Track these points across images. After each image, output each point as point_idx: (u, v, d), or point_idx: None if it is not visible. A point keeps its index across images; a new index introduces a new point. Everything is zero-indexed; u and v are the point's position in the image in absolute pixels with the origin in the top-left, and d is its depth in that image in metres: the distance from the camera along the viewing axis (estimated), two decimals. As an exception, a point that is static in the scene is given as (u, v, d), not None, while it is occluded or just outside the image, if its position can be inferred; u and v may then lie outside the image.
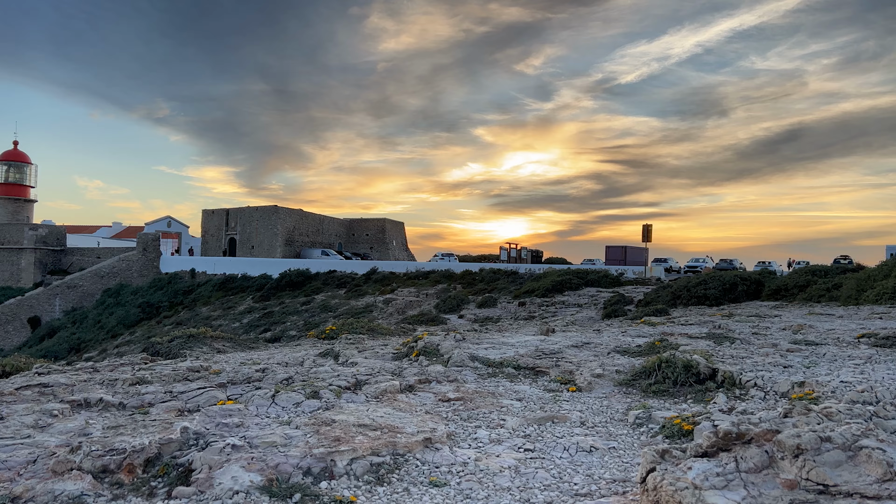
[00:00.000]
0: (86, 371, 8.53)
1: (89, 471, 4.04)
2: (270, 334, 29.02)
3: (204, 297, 46.93)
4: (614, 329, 13.21)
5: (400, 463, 4.34)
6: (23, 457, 4.46)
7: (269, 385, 6.58)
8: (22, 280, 57.95)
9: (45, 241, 60.53)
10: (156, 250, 56.78)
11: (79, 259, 61.37)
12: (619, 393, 6.68)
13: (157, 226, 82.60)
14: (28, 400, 6.44)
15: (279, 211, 64.80)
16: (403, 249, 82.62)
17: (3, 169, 66.71)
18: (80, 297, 53.02)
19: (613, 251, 59.54)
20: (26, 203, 67.14)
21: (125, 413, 5.74)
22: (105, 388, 6.84)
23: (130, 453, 4.17)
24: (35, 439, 4.89)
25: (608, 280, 35.17)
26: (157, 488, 3.96)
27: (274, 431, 4.72)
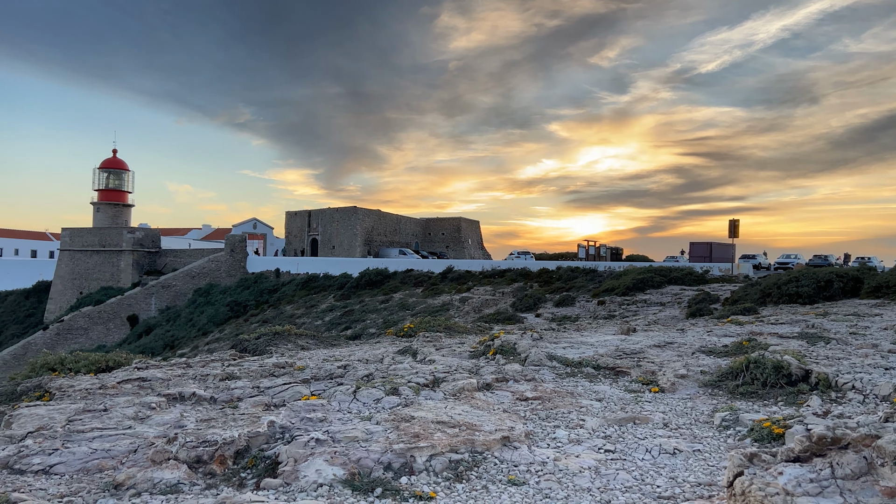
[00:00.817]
0: (180, 366, 9.01)
1: (185, 461, 4.26)
2: (351, 332, 29.70)
3: (288, 295, 48.53)
4: (699, 328, 12.78)
5: (478, 460, 4.36)
6: (125, 446, 4.75)
7: (351, 381, 6.74)
8: (121, 280, 61.66)
9: (141, 243, 64.16)
10: (242, 251, 59.16)
11: (172, 260, 64.74)
12: (705, 394, 6.46)
13: (243, 227, 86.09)
14: (128, 393, 6.85)
15: (358, 212, 66.23)
16: (479, 248, 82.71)
17: (104, 176, 71.18)
18: (174, 296, 55.89)
19: (698, 248, 57.56)
20: (125, 208, 71.41)
21: (216, 407, 6.02)
22: (197, 382, 7.20)
23: (221, 445, 4.38)
24: (135, 430, 5.21)
25: (692, 278, 34.02)
26: (246, 479, 4.13)
27: (355, 427, 4.84)
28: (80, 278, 63.31)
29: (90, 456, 4.64)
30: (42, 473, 4.51)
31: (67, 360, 10.34)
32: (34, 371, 10.12)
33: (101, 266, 63.23)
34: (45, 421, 5.58)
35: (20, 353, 47.83)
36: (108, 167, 71.57)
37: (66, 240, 65.24)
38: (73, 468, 4.52)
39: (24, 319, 63.38)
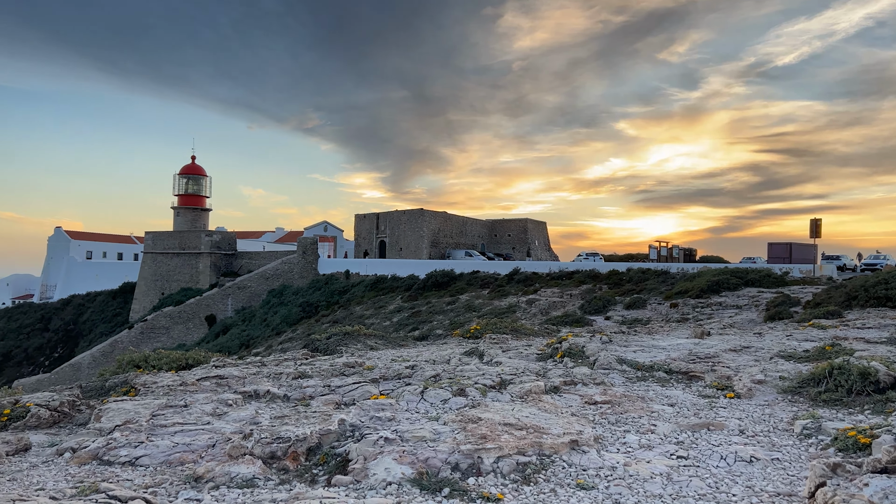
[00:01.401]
0: (255, 365, 9.32)
1: (259, 456, 4.41)
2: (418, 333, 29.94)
3: (357, 296, 49.37)
4: (778, 332, 12.26)
5: (546, 463, 4.32)
6: (204, 441, 4.96)
7: (418, 382, 6.81)
8: (200, 282, 64.27)
9: (218, 246, 66.67)
10: (314, 253, 60.61)
11: (247, 262, 67.02)
12: (784, 401, 6.20)
13: (314, 230, 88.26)
14: (207, 390, 7.14)
15: (424, 214, 66.80)
16: (546, 249, 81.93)
17: (184, 182, 74.39)
18: (249, 297, 57.81)
19: (777, 248, 55.18)
20: (203, 212, 74.43)
21: (289, 404, 6.20)
22: (271, 380, 7.43)
23: (294, 442, 4.51)
24: (213, 426, 5.43)
25: (771, 279, 32.65)
26: (318, 476, 4.24)
27: (423, 426, 4.89)
28: (162, 280, 66.38)
29: (172, 449, 4.86)
30: (128, 465, 4.76)
31: (151, 357, 10.86)
32: (121, 368, 10.68)
33: (181, 268, 66.10)
34: (131, 415, 5.88)
35: (108, 350, 50.52)
36: (187, 173, 74.75)
37: (148, 243, 68.57)
38: (157, 461, 4.75)
39: (112, 319, 66.95)
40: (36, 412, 6.50)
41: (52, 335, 66.48)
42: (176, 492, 4.10)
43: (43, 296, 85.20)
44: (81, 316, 68.86)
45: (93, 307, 70.01)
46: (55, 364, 57.62)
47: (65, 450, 5.23)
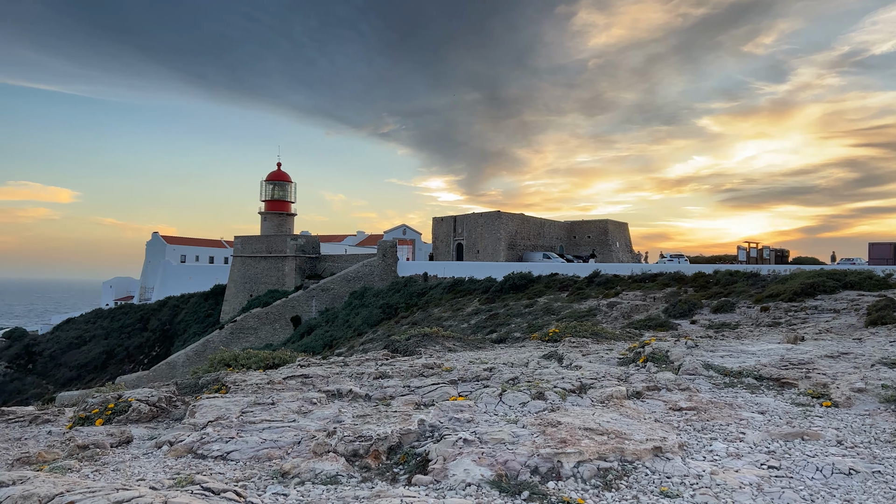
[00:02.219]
0: (338, 365, 9.57)
1: (343, 454, 4.53)
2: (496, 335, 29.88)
3: (435, 299, 49.78)
4: (880, 338, 11.51)
5: (628, 470, 4.23)
6: (290, 438, 5.14)
7: (496, 384, 6.81)
8: (286, 284, 66.51)
9: (303, 249, 68.81)
10: (393, 256, 61.58)
11: (330, 265, 68.84)
12: (886, 411, 5.82)
13: (393, 234, 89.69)
14: (293, 388, 7.39)
15: (501, 216, 66.61)
16: (627, 251, 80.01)
17: (270, 188, 77.23)
18: (332, 298, 59.34)
19: (879, 249, 51.75)
20: (288, 217, 77.04)
21: (370, 404, 6.33)
22: (353, 380, 7.61)
23: (376, 441, 4.60)
24: (299, 423, 5.61)
25: (872, 282, 30.65)
26: (398, 474, 4.31)
27: (502, 429, 4.88)
28: (250, 282, 69.13)
29: (260, 445, 5.06)
30: (220, 459, 4.99)
31: (240, 356, 11.33)
32: (212, 366, 11.21)
33: (268, 271, 68.63)
34: (222, 412, 6.16)
35: (200, 349, 53.04)
36: (273, 179, 77.55)
37: (237, 247, 71.57)
38: (246, 455, 4.96)
39: (204, 319, 70.28)
40: (137, 407, 6.91)
41: (150, 335, 70.45)
42: (264, 486, 4.26)
43: (142, 297, 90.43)
44: (176, 317, 72.63)
45: (186, 308, 73.70)
46: (153, 362, 61.03)
47: (163, 443, 5.54)
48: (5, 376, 64.84)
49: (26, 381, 63.76)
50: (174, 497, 3.55)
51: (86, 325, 73.46)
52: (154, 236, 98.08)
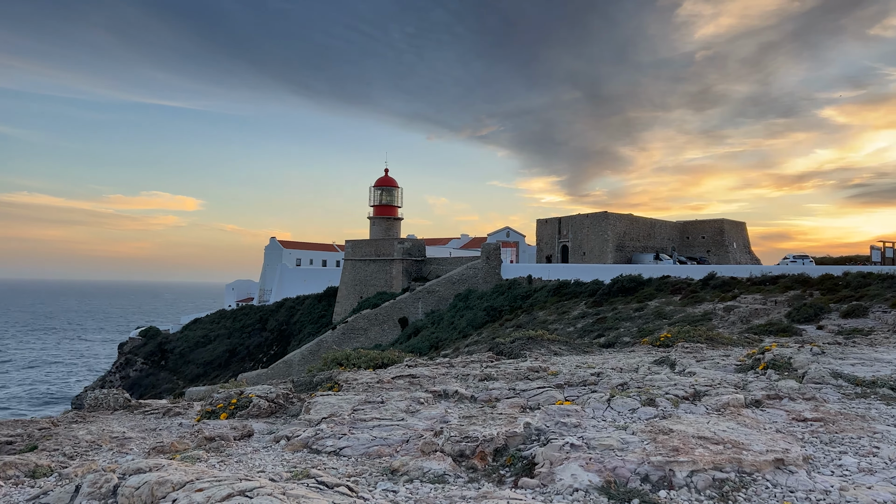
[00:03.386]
0: (443, 366, 9.70)
1: (449, 454, 4.59)
2: (604, 339, 29.21)
3: (540, 301, 49.34)
4: None
5: (746, 482, 4.02)
6: (398, 436, 5.27)
7: (604, 389, 6.67)
8: (393, 286, 68.19)
9: (409, 252, 70.28)
10: (497, 259, 61.63)
11: (435, 268, 69.89)
12: None
13: (497, 236, 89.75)
14: (401, 388, 7.57)
15: (608, 217, 65.02)
16: (745, 252, 75.81)
17: (378, 193, 79.49)
18: (437, 300, 60.20)
19: None
20: (395, 221, 78.99)
21: (476, 405, 6.38)
22: (459, 381, 7.69)
23: (482, 442, 4.63)
24: (407, 422, 5.74)
25: None
26: (505, 476, 4.32)
27: (610, 435, 4.78)
28: (360, 284, 71.42)
29: (371, 442, 5.23)
30: (333, 454, 5.20)
31: (351, 356, 11.73)
32: (326, 365, 11.68)
33: (376, 273, 70.65)
34: (335, 409, 6.41)
35: (315, 349, 55.34)
36: (381, 185, 79.78)
37: (348, 251, 74.17)
38: (358, 452, 5.13)
39: (318, 320, 73.31)
40: (257, 403, 7.32)
41: (268, 334, 74.35)
42: (375, 482, 4.40)
43: (261, 299, 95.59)
44: (292, 317, 76.22)
45: (302, 309, 77.17)
46: (271, 360, 64.32)
47: (280, 437, 5.84)
48: (141, 372, 70.56)
49: (159, 376, 69.09)
50: (292, 489, 3.74)
51: (211, 325, 78.66)
52: (272, 241, 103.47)
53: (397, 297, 62.60)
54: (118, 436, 6.22)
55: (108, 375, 71.85)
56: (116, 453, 5.69)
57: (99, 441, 6.00)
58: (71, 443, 5.94)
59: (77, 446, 5.84)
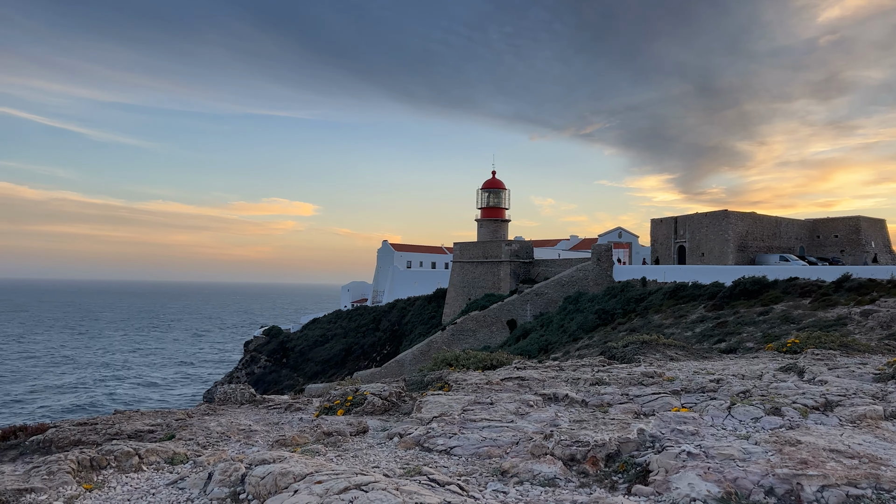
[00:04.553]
0: (553, 369, 9.60)
1: (560, 457, 4.55)
2: (724, 345, 27.79)
3: (655, 305, 47.67)
4: None
5: (885, 499, 3.70)
6: (508, 438, 5.28)
7: (724, 396, 6.36)
8: (501, 288, 68.21)
9: (517, 254, 70.06)
10: (608, 260, 60.16)
11: (543, 269, 69.23)
12: None
13: (608, 237, 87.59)
14: (510, 390, 7.57)
15: (729, 216, 61.74)
16: (886, 252, 69.56)
17: (485, 195, 79.81)
18: (546, 303, 59.61)
19: None
20: (502, 223, 78.98)
21: (587, 410, 6.27)
22: (569, 385, 7.59)
23: (593, 447, 4.55)
24: (516, 424, 5.74)
25: None
26: (617, 483, 4.22)
27: (731, 444, 4.55)
28: (468, 286, 72.00)
29: (480, 443, 5.27)
30: (444, 453, 5.28)
31: (461, 357, 11.86)
32: (436, 365, 11.88)
33: (484, 275, 70.96)
34: (445, 408, 6.52)
35: (425, 349, 56.37)
36: (488, 187, 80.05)
37: (456, 253, 75.00)
38: (468, 452, 5.19)
39: (428, 321, 74.65)
40: (371, 400, 7.57)
41: (381, 334, 76.56)
42: (485, 482, 4.43)
43: (374, 300, 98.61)
44: (404, 318, 78.06)
45: (412, 310, 78.87)
46: (384, 359, 66.16)
47: (394, 434, 6.01)
48: (265, 368, 74.73)
49: (281, 373, 72.89)
50: (404, 485, 3.84)
51: (328, 325, 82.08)
52: (384, 244, 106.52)
53: (505, 299, 62.58)
54: (245, 428, 6.64)
55: (235, 371, 76.66)
56: (243, 444, 6.08)
57: (228, 433, 6.43)
58: (204, 433, 6.40)
59: (209, 437, 6.29)
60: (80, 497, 4.33)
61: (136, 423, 6.95)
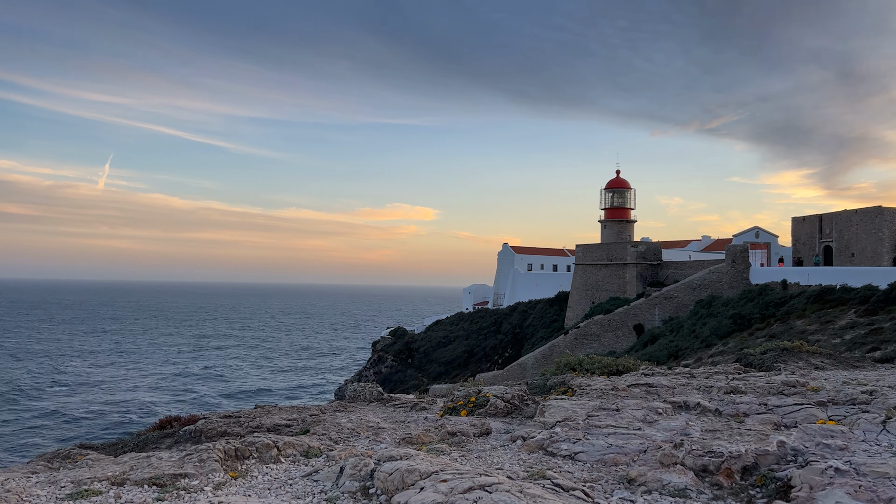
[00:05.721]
0: (683, 376, 9.20)
1: (691, 468, 4.36)
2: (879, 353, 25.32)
3: (797, 309, 44.36)
4: None
5: None
6: (635, 445, 5.12)
7: (879, 410, 5.81)
8: (626, 291, 66.14)
9: (644, 256, 67.70)
10: (744, 262, 56.68)
11: (672, 272, 66.37)
12: None
13: (744, 237, 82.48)
14: (637, 396, 7.34)
15: (883, 212, 56.22)
16: None
17: (609, 195, 77.73)
18: (676, 307, 57.14)
19: None
20: (628, 224, 76.55)
21: (720, 419, 5.95)
22: (701, 393, 7.24)
23: (728, 458, 4.32)
24: (644, 432, 5.56)
25: None
26: (755, 497, 3.98)
27: (885, 461, 4.15)
28: (592, 289, 70.44)
29: (606, 450, 5.15)
30: (568, 458, 5.21)
31: (584, 361, 11.65)
32: (559, 369, 11.73)
33: (608, 278, 69.15)
34: (568, 413, 6.43)
35: (547, 353, 55.78)
36: (612, 187, 77.94)
37: (579, 255, 73.62)
38: (592, 458, 5.09)
39: (550, 324, 73.80)
40: (494, 402, 7.61)
41: (502, 337, 76.66)
42: (611, 490, 4.33)
43: (495, 303, 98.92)
44: (525, 321, 77.72)
45: (533, 314, 78.34)
46: (506, 362, 66.18)
47: (517, 437, 6.01)
48: (391, 368, 77.12)
49: (406, 373, 74.89)
50: (528, 488, 3.84)
51: (450, 327, 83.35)
52: (504, 247, 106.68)
53: (631, 302, 60.68)
54: (373, 425, 6.89)
55: (363, 370, 79.71)
56: (372, 441, 6.32)
57: (357, 429, 6.71)
58: (335, 429, 6.72)
59: (340, 432, 6.59)
60: (227, 484, 4.69)
61: (275, 418, 7.42)
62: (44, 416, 60.57)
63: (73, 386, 75.93)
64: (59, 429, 56.00)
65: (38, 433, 54.16)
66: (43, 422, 58.33)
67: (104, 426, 56.64)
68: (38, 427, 56.30)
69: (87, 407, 65.15)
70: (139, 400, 69.49)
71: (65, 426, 57.27)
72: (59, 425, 57.40)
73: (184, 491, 4.42)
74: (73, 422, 59.08)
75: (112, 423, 58.27)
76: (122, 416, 60.55)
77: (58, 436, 51.79)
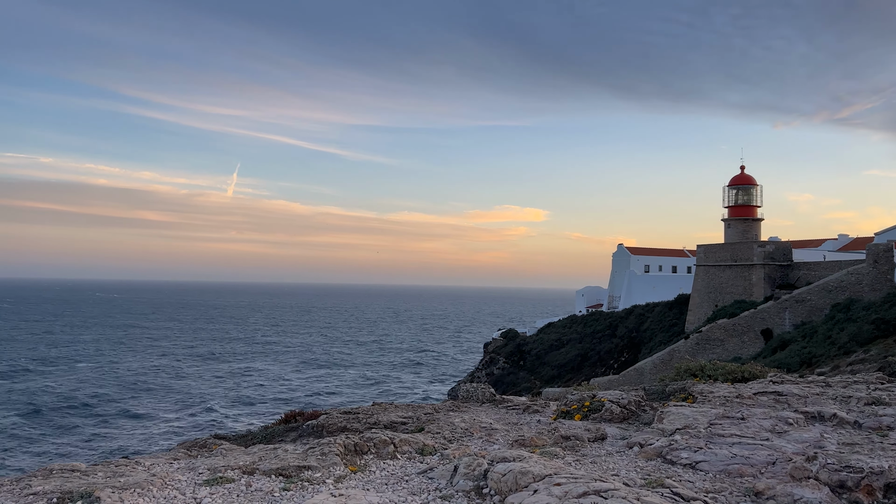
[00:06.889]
0: (817, 385, 8.58)
1: (826, 483, 4.06)
2: None
3: (953, 314, 40.07)
4: None
5: None
6: (763, 457, 4.84)
7: None
8: (753, 294, 62.37)
9: (772, 257, 63.60)
10: (888, 262, 51.92)
11: (805, 273, 61.89)
12: None
13: (887, 235, 75.45)
14: (764, 405, 6.93)
15: None
16: None
17: (733, 193, 73.61)
18: (808, 311, 53.26)
19: None
20: (754, 222, 72.15)
21: (860, 432, 5.51)
22: (838, 403, 6.73)
23: (868, 474, 3.99)
24: (772, 443, 5.24)
25: None
26: (901, 519, 3.66)
27: None
28: (714, 292, 67.02)
29: (730, 460, 4.90)
30: (688, 467, 5.00)
31: (707, 367, 11.13)
32: (679, 375, 11.28)
33: (732, 280, 65.54)
34: (689, 421, 6.17)
35: (666, 358, 53.67)
36: (736, 184, 73.83)
37: (700, 256, 70.26)
38: (715, 468, 4.86)
39: (669, 328, 70.92)
40: (609, 407, 7.44)
41: (618, 341, 74.57)
42: (735, 502, 4.12)
43: (609, 306, 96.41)
44: (642, 325, 75.19)
45: (651, 317, 75.62)
46: (622, 367, 64.33)
47: (633, 444, 5.84)
48: (503, 370, 77.09)
49: (518, 375, 74.61)
50: (646, 496, 3.73)
51: (563, 329, 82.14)
52: (619, 248, 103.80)
53: (758, 306, 57.19)
54: (486, 426, 6.94)
55: (475, 371, 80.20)
56: (485, 441, 6.36)
57: (470, 429, 6.78)
58: (449, 428, 6.82)
59: (454, 431, 6.69)
60: (347, 477, 4.89)
61: (391, 415, 7.64)
62: (195, 404, 67.42)
63: (223, 377, 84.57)
64: (214, 415, 62.83)
65: (194, 421, 60.12)
66: (197, 410, 64.69)
67: (235, 417, 61.39)
68: (194, 416, 62.49)
69: (234, 394, 73.68)
70: (279, 391, 76.25)
71: (222, 411, 64.33)
72: (218, 411, 64.83)
73: (307, 482, 4.66)
74: (228, 406, 66.23)
75: (248, 413, 63.92)
76: (270, 407, 66.28)
77: (213, 423, 57.84)
